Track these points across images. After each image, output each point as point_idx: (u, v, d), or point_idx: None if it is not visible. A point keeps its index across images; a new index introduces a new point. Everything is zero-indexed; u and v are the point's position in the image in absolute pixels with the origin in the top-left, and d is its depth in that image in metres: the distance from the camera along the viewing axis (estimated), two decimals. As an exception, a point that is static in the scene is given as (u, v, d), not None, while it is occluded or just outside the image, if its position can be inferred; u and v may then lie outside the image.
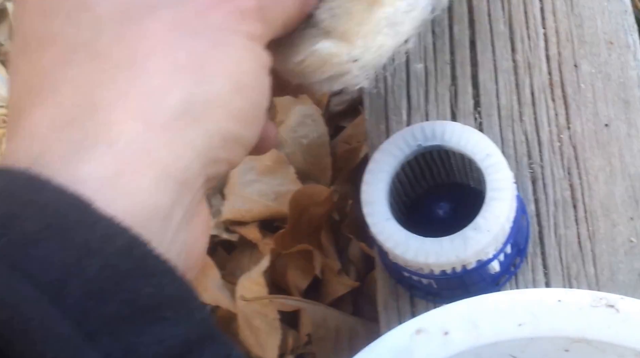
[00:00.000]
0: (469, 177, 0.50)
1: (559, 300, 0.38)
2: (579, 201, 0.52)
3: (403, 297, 0.52)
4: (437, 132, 0.46)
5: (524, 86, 0.55)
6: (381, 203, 0.45)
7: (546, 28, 0.56)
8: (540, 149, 0.53)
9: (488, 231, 0.44)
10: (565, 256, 0.51)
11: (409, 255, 0.44)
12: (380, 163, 0.46)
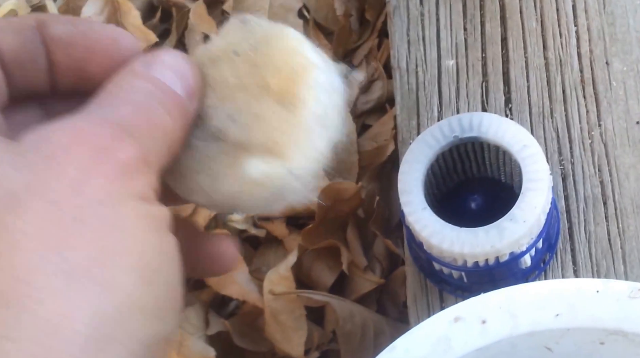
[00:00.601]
0: (501, 171, 0.50)
1: (597, 291, 0.39)
2: (609, 198, 0.52)
3: (432, 292, 0.53)
4: (474, 124, 0.47)
5: (555, 83, 0.55)
6: (417, 192, 0.46)
7: (578, 26, 0.56)
8: (571, 146, 0.53)
9: (524, 222, 0.44)
10: (595, 253, 0.51)
11: (445, 245, 0.45)
12: (416, 153, 0.46)
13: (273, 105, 0.33)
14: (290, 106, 0.33)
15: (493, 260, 0.46)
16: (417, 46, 0.58)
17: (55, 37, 0.34)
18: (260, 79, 0.34)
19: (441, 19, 0.58)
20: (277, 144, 0.33)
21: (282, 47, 0.34)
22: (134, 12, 0.78)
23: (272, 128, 0.33)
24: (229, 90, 0.34)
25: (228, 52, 0.34)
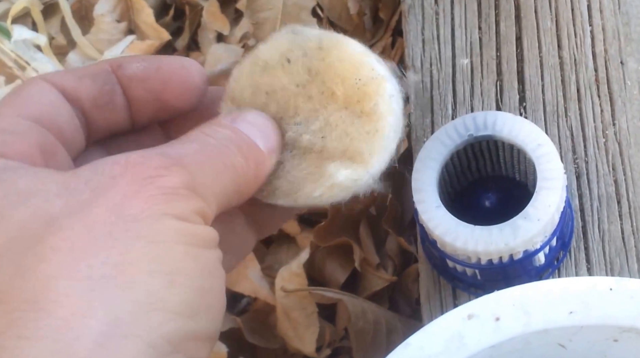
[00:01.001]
0: (515, 169, 0.50)
1: (611, 289, 0.39)
2: (623, 196, 0.52)
3: (445, 289, 0.53)
4: (488, 123, 0.47)
5: (569, 82, 0.55)
6: (431, 190, 0.46)
7: (593, 25, 0.56)
8: (585, 144, 0.53)
9: (538, 221, 0.44)
10: (608, 251, 0.51)
11: (459, 243, 0.45)
12: (431, 152, 0.47)
13: (344, 113, 0.36)
14: (364, 116, 0.36)
15: (507, 258, 0.46)
16: (432, 45, 0.58)
17: (131, 75, 0.37)
18: (323, 87, 0.35)
19: (456, 18, 0.59)
20: (360, 153, 0.36)
21: (343, 57, 0.36)
22: (147, 10, 0.79)
23: (352, 138, 0.36)
24: (291, 98, 0.35)
25: (282, 60, 0.36)
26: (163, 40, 0.79)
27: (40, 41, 0.74)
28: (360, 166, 0.36)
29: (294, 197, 0.37)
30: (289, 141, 0.36)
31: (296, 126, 0.36)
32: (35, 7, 0.77)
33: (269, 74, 0.36)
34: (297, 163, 0.36)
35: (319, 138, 0.36)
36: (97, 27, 0.79)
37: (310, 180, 0.36)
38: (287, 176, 0.36)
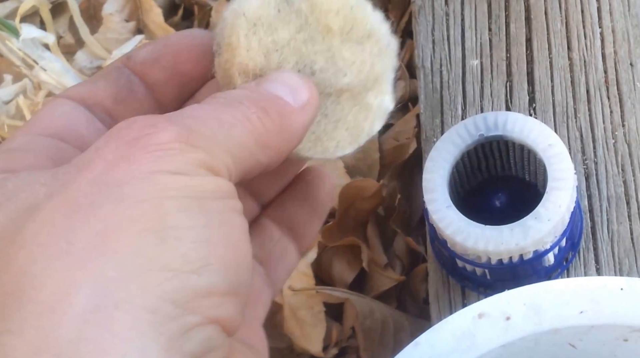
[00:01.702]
0: (525, 169, 0.50)
1: (621, 288, 0.39)
2: (632, 197, 0.52)
3: (454, 289, 0.53)
4: (499, 123, 0.47)
5: (579, 84, 0.55)
6: (442, 190, 0.46)
7: (602, 27, 0.56)
8: (595, 145, 0.54)
9: (549, 221, 0.44)
10: (617, 251, 0.51)
11: (469, 243, 0.45)
12: (442, 151, 0.47)
13: (349, 45, 0.35)
14: (365, 41, 0.36)
15: (517, 258, 0.46)
16: (442, 46, 0.58)
17: (143, 61, 0.35)
18: (319, 26, 0.35)
19: (466, 19, 0.59)
20: (381, 74, 0.36)
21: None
22: (155, 10, 0.79)
23: (370, 64, 0.35)
24: (302, 47, 0.35)
25: (274, 13, 0.35)
26: (172, 40, 0.79)
27: (48, 40, 0.74)
28: (385, 86, 0.36)
29: (329, 142, 0.36)
30: (322, 92, 0.35)
31: (322, 72, 0.35)
32: (44, 6, 0.78)
33: (271, 32, 0.35)
34: (335, 107, 0.36)
35: (346, 77, 0.35)
36: (106, 27, 0.79)
37: (362, 118, 0.36)
38: (331, 123, 0.36)
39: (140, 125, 0.29)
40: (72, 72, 0.75)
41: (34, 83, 0.75)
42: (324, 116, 0.35)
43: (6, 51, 0.75)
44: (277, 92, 0.33)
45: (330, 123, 0.35)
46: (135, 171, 0.27)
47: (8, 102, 0.76)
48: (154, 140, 0.28)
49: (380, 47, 0.36)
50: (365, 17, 0.36)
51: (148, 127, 0.28)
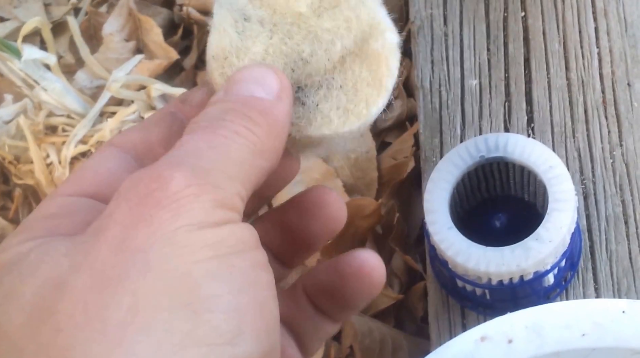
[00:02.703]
0: (525, 190, 0.51)
1: (623, 311, 0.39)
2: (630, 217, 0.52)
3: (454, 308, 0.53)
4: (499, 144, 0.47)
5: (577, 104, 0.56)
6: (443, 211, 0.46)
7: (600, 47, 0.57)
8: (593, 165, 0.54)
9: (550, 242, 0.45)
10: (616, 271, 0.51)
11: (470, 264, 0.45)
12: (443, 173, 0.47)
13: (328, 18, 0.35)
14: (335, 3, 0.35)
15: (517, 279, 0.46)
16: (441, 66, 0.59)
17: (200, 103, 0.34)
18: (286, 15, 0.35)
19: (465, 39, 0.59)
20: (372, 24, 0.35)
21: None
22: (155, 30, 0.79)
23: (352, 20, 0.35)
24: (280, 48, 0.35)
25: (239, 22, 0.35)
26: (171, 60, 0.79)
27: (49, 61, 0.75)
28: (382, 25, 0.36)
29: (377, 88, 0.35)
30: (325, 71, 0.35)
31: (314, 55, 0.35)
32: (46, 26, 0.78)
33: (243, 54, 0.34)
34: (345, 75, 0.35)
35: (339, 44, 0.35)
36: (106, 46, 0.79)
37: (376, 66, 0.35)
38: (350, 90, 0.35)
39: (147, 181, 0.28)
40: (73, 93, 0.75)
41: (34, 103, 0.76)
42: (340, 89, 0.35)
43: (7, 71, 0.76)
44: (249, 93, 0.32)
45: (350, 90, 0.35)
46: (157, 232, 0.27)
47: (9, 122, 0.76)
48: (166, 193, 0.28)
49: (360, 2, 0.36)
50: None
51: (155, 181, 0.28)
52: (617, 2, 0.58)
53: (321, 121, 0.35)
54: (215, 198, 0.28)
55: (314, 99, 0.35)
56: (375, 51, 0.35)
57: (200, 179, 0.28)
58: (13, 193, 0.80)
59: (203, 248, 0.27)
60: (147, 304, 0.26)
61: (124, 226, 0.27)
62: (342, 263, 0.37)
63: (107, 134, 0.74)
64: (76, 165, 0.76)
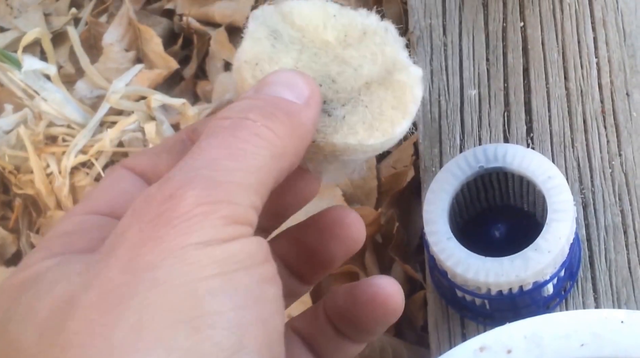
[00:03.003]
0: (524, 200, 0.51)
1: (622, 321, 0.39)
2: (629, 227, 0.52)
3: (453, 318, 0.53)
4: (498, 155, 0.47)
5: (576, 113, 0.56)
6: (442, 222, 0.46)
7: (599, 57, 0.57)
8: (592, 175, 0.54)
9: (549, 252, 0.45)
10: (615, 281, 0.51)
11: (470, 274, 0.45)
12: (442, 183, 0.47)
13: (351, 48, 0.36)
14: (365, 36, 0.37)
15: (517, 289, 0.46)
16: (440, 76, 0.59)
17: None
18: (317, 41, 0.36)
19: (464, 49, 0.59)
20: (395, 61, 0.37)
21: (304, 11, 0.37)
22: (155, 39, 0.80)
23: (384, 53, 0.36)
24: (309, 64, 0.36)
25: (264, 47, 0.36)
26: (171, 69, 0.79)
27: (50, 71, 0.75)
28: (405, 61, 0.37)
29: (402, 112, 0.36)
30: (352, 90, 0.36)
31: (342, 75, 0.36)
32: (46, 37, 0.78)
33: (275, 63, 0.35)
34: (371, 96, 0.36)
35: (367, 68, 0.36)
36: (106, 56, 0.80)
37: (400, 94, 0.36)
38: (376, 109, 0.36)
39: (159, 199, 0.28)
40: (73, 103, 0.75)
41: (34, 113, 0.76)
42: (365, 107, 0.36)
43: (7, 81, 0.76)
44: (279, 94, 0.32)
45: (375, 109, 0.36)
46: (165, 250, 0.27)
47: (9, 132, 0.76)
48: (176, 212, 0.28)
49: (381, 35, 0.37)
50: (352, 20, 0.37)
51: (166, 200, 0.28)
52: (615, 12, 0.58)
53: (347, 131, 0.35)
54: (227, 214, 0.29)
55: (341, 112, 0.36)
56: (400, 81, 0.36)
57: (212, 196, 0.28)
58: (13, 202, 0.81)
59: (210, 265, 0.28)
60: (151, 322, 0.27)
61: (134, 245, 0.28)
62: (358, 289, 0.37)
63: (107, 144, 0.74)
64: (76, 175, 0.76)
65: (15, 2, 0.86)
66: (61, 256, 0.30)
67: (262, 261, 0.29)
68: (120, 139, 0.76)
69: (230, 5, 0.82)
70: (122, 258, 0.28)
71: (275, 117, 0.31)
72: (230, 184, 0.29)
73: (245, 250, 0.29)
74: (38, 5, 0.85)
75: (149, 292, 0.27)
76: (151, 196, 0.29)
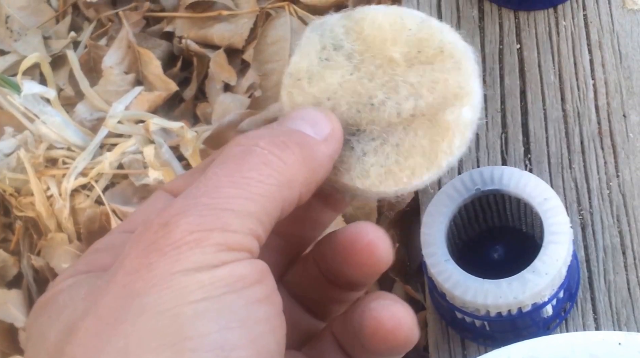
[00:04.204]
0: (522, 221, 0.51)
1: (619, 343, 0.39)
2: (628, 247, 0.53)
3: (454, 339, 0.53)
4: (495, 177, 0.48)
5: (573, 135, 0.56)
6: (440, 244, 0.47)
7: (595, 79, 0.57)
8: (590, 196, 0.54)
9: (546, 274, 0.45)
10: (614, 302, 0.51)
11: (468, 296, 0.46)
12: (439, 206, 0.48)
13: (417, 68, 0.34)
14: (436, 59, 0.34)
15: (515, 311, 0.47)
16: (437, 98, 0.59)
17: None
18: (377, 60, 0.35)
19: (461, 71, 0.60)
20: (460, 87, 0.34)
21: (377, 23, 0.34)
22: (155, 62, 0.80)
23: (443, 81, 0.34)
24: (356, 86, 0.34)
25: (320, 63, 0.35)
26: (171, 91, 0.80)
27: (49, 95, 0.75)
28: (469, 97, 0.35)
29: (429, 162, 0.34)
30: (389, 123, 0.34)
31: (384, 105, 0.34)
32: (45, 62, 0.79)
33: (316, 82, 0.35)
34: (406, 135, 0.34)
35: (413, 102, 0.34)
36: (106, 79, 0.80)
37: (439, 138, 0.34)
38: (403, 152, 0.34)
39: (155, 227, 0.29)
40: (73, 126, 0.76)
41: (34, 136, 0.76)
42: (394, 146, 0.34)
43: (7, 105, 0.76)
44: (297, 127, 0.33)
45: (403, 152, 0.34)
46: (155, 277, 0.28)
47: (9, 154, 0.77)
48: (169, 240, 0.29)
49: (455, 59, 0.35)
50: (431, 35, 0.35)
51: (161, 228, 0.29)
52: (611, 34, 0.58)
53: (359, 173, 0.34)
54: (220, 241, 0.29)
55: (364, 147, 0.35)
56: (446, 122, 0.34)
57: (206, 224, 0.29)
58: (14, 225, 0.81)
59: (196, 290, 0.28)
60: (136, 347, 0.28)
61: (128, 272, 0.29)
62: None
63: (107, 166, 0.74)
64: (76, 197, 0.77)
65: (15, 25, 0.87)
66: (78, 276, 0.31)
67: (253, 282, 0.30)
68: (120, 161, 0.76)
69: (229, 27, 0.82)
70: (118, 284, 0.29)
71: (285, 146, 0.32)
72: (227, 212, 0.30)
73: (235, 273, 0.29)
74: (37, 29, 0.86)
75: (137, 318, 0.28)
76: (149, 224, 0.30)
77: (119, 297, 0.28)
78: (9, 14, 0.87)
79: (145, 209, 0.35)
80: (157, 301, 0.28)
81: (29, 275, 0.80)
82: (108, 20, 0.86)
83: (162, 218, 0.30)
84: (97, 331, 0.28)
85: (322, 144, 0.33)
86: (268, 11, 0.82)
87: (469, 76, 0.35)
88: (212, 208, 0.30)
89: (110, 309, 0.28)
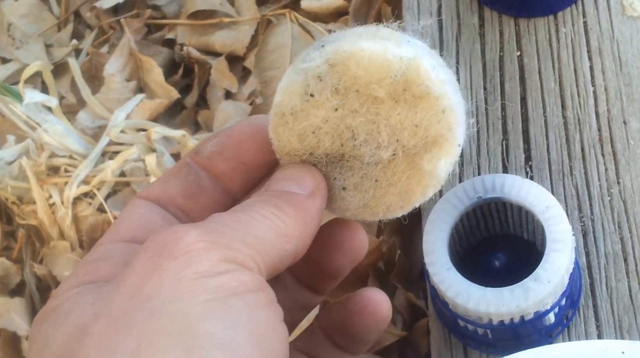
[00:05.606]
0: (524, 229, 0.51)
1: (623, 352, 0.39)
2: (629, 254, 0.53)
3: (457, 347, 0.53)
4: (497, 185, 0.48)
5: (574, 142, 0.56)
6: (442, 252, 0.47)
7: (595, 86, 0.57)
8: (591, 203, 0.54)
9: (548, 283, 0.45)
10: (616, 308, 0.51)
11: (470, 305, 0.46)
12: (441, 214, 0.48)
13: (400, 108, 0.34)
14: (421, 101, 0.34)
15: (518, 319, 0.47)
16: (438, 106, 0.59)
17: (209, 155, 0.38)
18: (362, 98, 0.35)
19: (461, 78, 0.60)
20: (441, 135, 0.35)
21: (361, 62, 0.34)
22: (156, 70, 0.80)
23: (425, 126, 0.34)
24: (339, 123, 0.35)
25: (304, 98, 0.35)
26: (172, 99, 0.80)
27: (51, 104, 0.75)
28: (448, 146, 0.35)
29: (403, 202, 0.36)
30: (369, 161, 0.35)
31: (366, 144, 0.35)
32: (47, 70, 0.79)
33: (301, 118, 0.35)
34: (385, 172, 0.35)
35: (394, 142, 0.35)
36: (107, 87, 0.80)
37: (414, 183, 0.35)
38: (381, 189, 0.36)
39: (165, 235, 0.31)
40: (75, 134, 0.76)
41: (36, 144, 0.76)
42: (374, 182, 0.35)
43: (9, 113, 0.76)
44: (285, 188, 0.35)
45: (380, 188, 0.36)
46: (165, 280, 0.30)
47: (11, 163, 0.77)
48: (180, 245, 0.31)
49: (440, 106, 0.34)
50: (418, 76, 0.34)
51: (172, 235, 0.31)
52: (611, 41, 0.58)
53: (339, 205, 0.37)
54: (225, 254, 0.31)
55: (344, 182, 0.36)
56: (422, 169, 0.35)
57: (212, 237, 0.32)
58: (16, 233, 0.81)
59: (203, 292, 0.30)
60: (147, 347, 0.29)
61: (138, 275, 0.31)
62: (351, 302, 0.40)
63: (109, 174, 0.74)
64: (79, 205, 0.77)
65: (17, 33, 0.87)
66: (83, 285, 0.33)
67: (254, 289, 0.32)
68: (122, 169, 0.76)
69: (230, 34, 0.82)
70: (129, 287, 0.30)
71: (278, 207, 0.34)
72: (232, 237, 0.32)
73: (238, 279, 0.31)
74: (39, 37, 0.86)
75: (148, 319, 0.29)
76: (160, 233, 0.32)
77: (130, 299, 0.30)
78: (10, 21, 0.87)
79: (127, 218, 0.36)
80: (166, 303, 0.30)
81: (32, 283, 0.80)
82: (110, 27, 0.86)
83: (172, 229, 0.32)
84: (110, 333, 0.30)
85: (310, 199, 0.35)
86: (269, 18, 0.82)
87: (452, 124, 0.35)
88: (219, 231, 0.32)
89: (122, 311, 0.30)
